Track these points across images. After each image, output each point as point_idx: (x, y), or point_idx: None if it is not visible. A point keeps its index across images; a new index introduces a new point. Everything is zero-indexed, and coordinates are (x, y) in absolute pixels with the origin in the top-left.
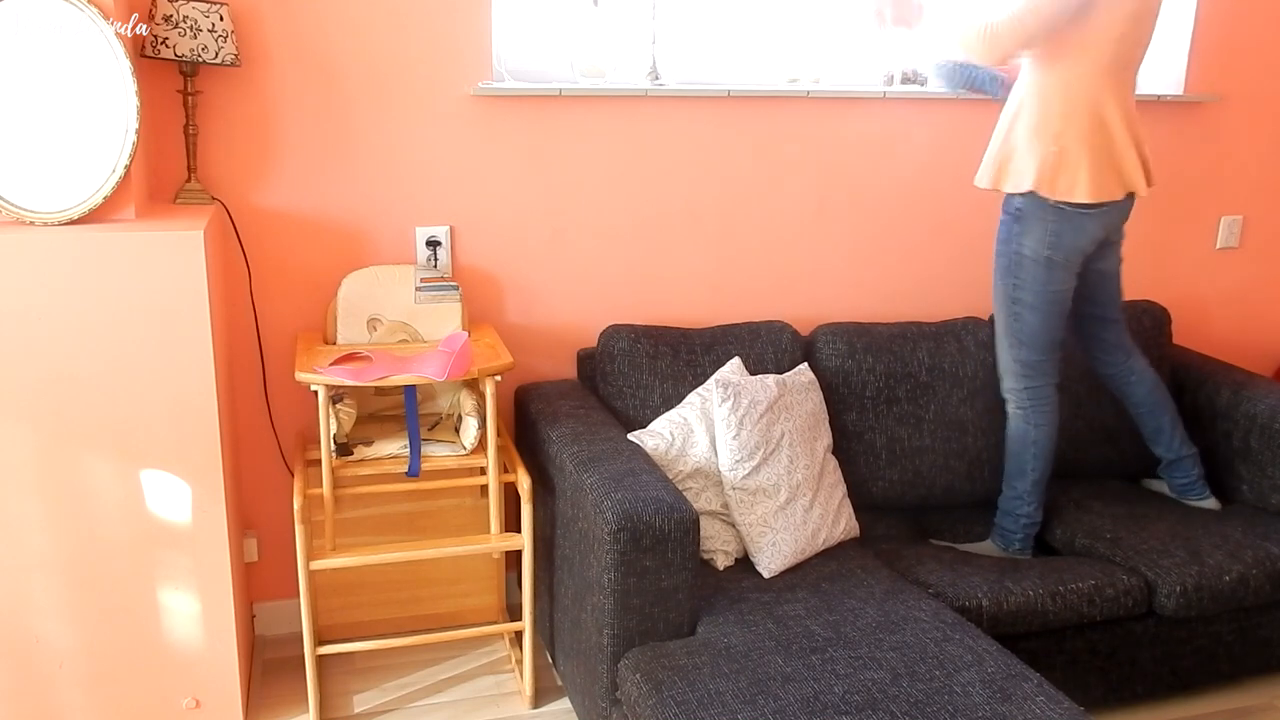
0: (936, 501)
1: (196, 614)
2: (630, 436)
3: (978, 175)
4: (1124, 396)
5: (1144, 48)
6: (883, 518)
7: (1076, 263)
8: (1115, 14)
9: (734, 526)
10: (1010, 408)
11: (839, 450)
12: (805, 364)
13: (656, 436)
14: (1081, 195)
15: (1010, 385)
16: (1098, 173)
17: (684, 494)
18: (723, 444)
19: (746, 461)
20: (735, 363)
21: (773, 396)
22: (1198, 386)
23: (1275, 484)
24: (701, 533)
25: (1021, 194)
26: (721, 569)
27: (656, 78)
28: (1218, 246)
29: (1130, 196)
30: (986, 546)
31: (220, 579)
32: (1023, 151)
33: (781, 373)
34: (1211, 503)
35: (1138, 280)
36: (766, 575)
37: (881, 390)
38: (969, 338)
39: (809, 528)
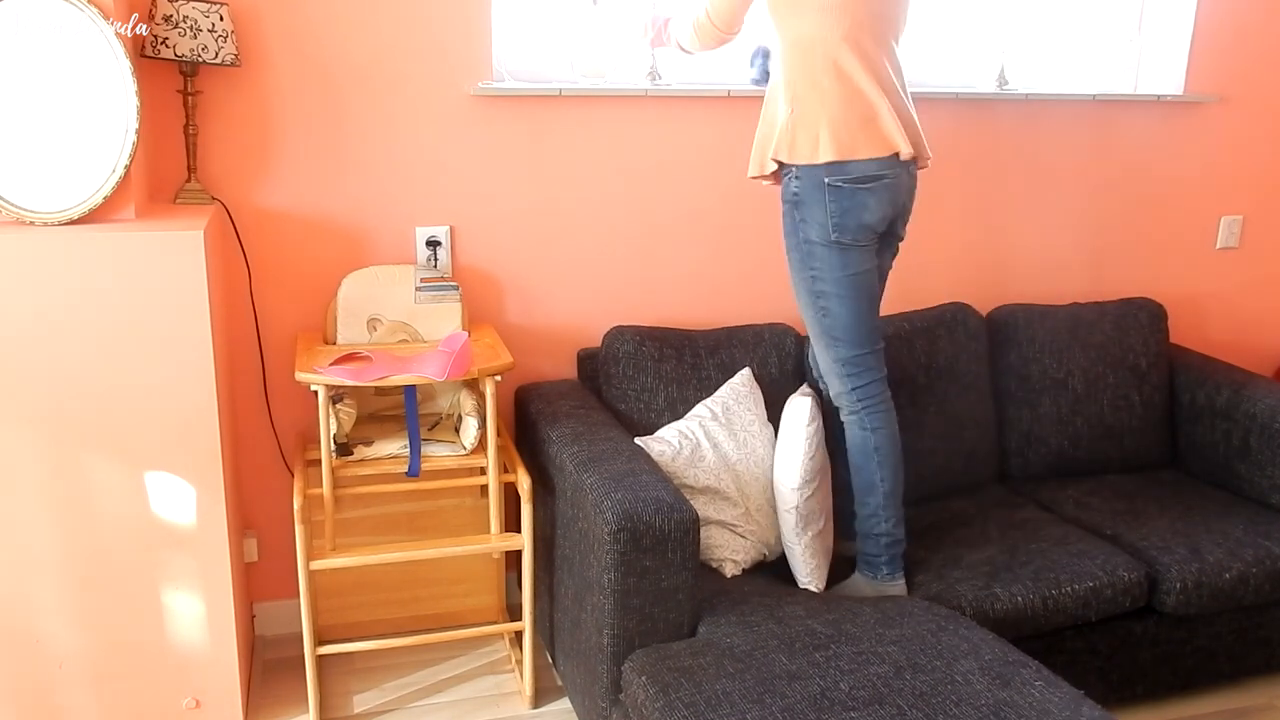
0: (934, 495)
1: (196, 614)
2: (636, 442)
3: (750, 165)
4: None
5: (889, 5)
6: None
7: (867, 241)
8: None
9: (744, 537)
10: (843, 415)
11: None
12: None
13: (664, 443)
14: (826, 154)
15: (837, 389)
16: (839, 129)
17: (689, 501)
18: (794, 463)
19: (809, 484)
20: (745, 374)
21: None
22: (1197, 386)
23: (1275, 483)
24: (709, 540)
25: (795, 177)
26: (729, 577)
27: (657, 78)
28: (1218, 246)
29: (904, 164)
30: (855, 582)
31: (220, 579)
32: (771, 125)
33: (784, 374)
34: (894, 587)
35: (1135, 278)
36: (816, 590)
37: None
38: (960, 329)
39: (828, 540)
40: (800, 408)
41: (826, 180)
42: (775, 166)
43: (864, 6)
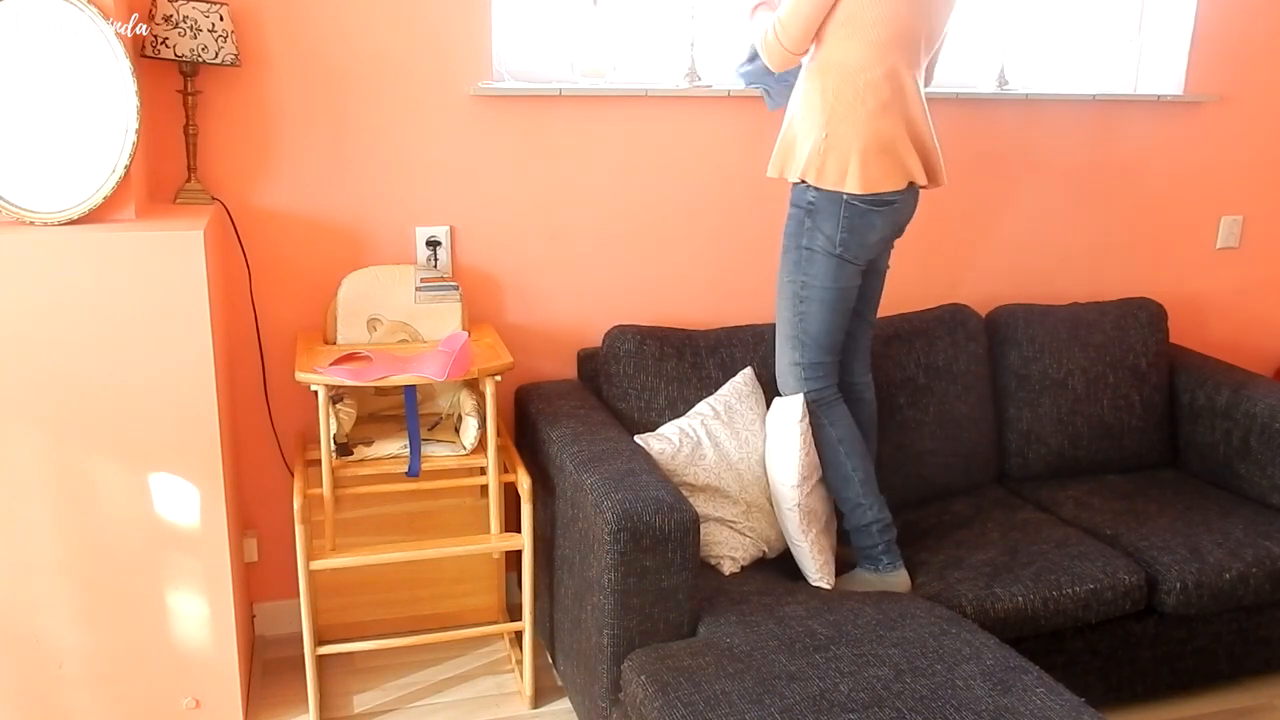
0: (934, 496)
1: (197, 614)
2: (637, 439)
3: (770, 165)
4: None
5: (929, 31)
6: None
7: (864, 261)
8: None
9: (744, 535)
10: None
11: None
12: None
13: (664, 441)
14: (853, 185)
15: (793, 390)
16: (868, 161)
17: (688, 499)
18: (789, 461)
19: (808, 480)
20: (747, 373)
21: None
22: (1197, 386)
23: (1275, 483)
24: (708, 537)
25: (812, 187)
26: (728, 574)
27: (656, 78)
28: (1218, 246)
29: (914, 189)
30: (858, 576)
31: (220, 579)
32: (800, 138)
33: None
34: (897, 579)
35: (1135, 278)
36: (828, 587)
37: (883, 403)
38: (959, 330)
39: (833, 535)
40: (791, 405)
41: (845, 198)
42: (792, 175)
43: (908, 35)
